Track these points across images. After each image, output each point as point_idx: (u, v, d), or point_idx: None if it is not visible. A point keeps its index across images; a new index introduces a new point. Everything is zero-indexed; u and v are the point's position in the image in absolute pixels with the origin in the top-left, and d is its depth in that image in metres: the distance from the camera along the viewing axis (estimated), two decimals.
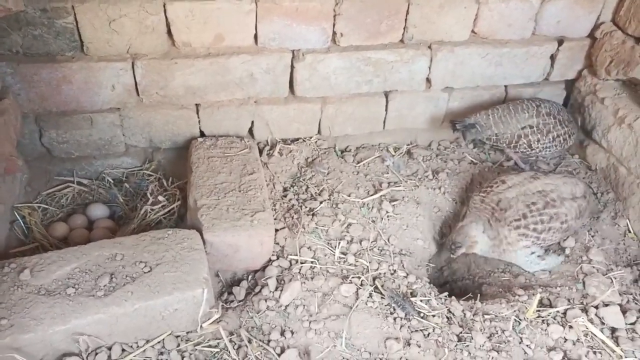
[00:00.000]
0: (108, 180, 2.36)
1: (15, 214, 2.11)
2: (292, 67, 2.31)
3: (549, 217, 2.03)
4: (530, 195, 2.07)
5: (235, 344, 1.75)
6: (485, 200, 2.11)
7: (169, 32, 2.13)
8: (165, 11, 2.06)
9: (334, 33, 2.28)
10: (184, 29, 2.12)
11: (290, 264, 2.00)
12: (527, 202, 2.04)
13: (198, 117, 2.35)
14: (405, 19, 2.31)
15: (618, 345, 1.81)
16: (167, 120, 2.32)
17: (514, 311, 1.90)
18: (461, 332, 1.83)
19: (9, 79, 2.04)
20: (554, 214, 2.04)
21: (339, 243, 2.08)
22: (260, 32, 2.20)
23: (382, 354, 1.74)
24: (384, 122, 2.59)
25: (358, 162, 2.50)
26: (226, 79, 2.26)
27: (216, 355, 1.71)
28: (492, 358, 1.75)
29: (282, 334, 1.78)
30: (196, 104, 2.32)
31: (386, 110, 2.55)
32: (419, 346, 1.76)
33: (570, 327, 1.85)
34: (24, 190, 2.22)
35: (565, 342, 1.83)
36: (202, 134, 2.40)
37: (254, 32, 2.20)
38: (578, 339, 1.83)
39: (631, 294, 2.01)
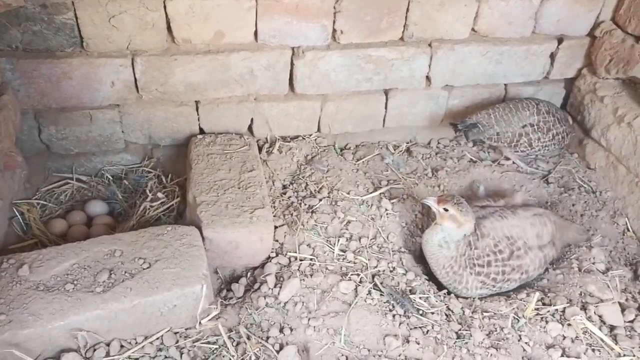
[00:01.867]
0: (107, 177, 2.36)
1: (14, 210, 2.11)
2: (292, 64, 2.31)
3: (511, 268, 1.97)
4: (499, 237, 1.97)
5: (234, 340, 1.75)
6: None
7: (169, 29, 2.13)
8: (165, 7, 2.06)
9: (334, 30, 2.28)
10: (184, 25, 2.11)
11: (290, 261, 2.00)
12: (494, 247, 1.96)
13: (198, 114, 2.35)
14: (406, 17, 2.31)
15: (617, 343, 1.82)
16: (166, 117, 2.31)
17: (513, 309, 1.90)
18: (460, 330, 1.83)
19: (9, 74, 2.04)
20: (517, 265, 1.97)
21: (338, 240, 2.08)
22: (260, 29, 2.20)
23: (381, 351, 1.74)
24: (384, 120, 2.59)
25: (357, 160, 2.50)
26: (226, 76, 2.26)
27: (215, 351, 1.71)
28: (491, 355, 1.75)
29: (281, 330, 1.78)
30: (196, 101, 2.32)
31: (386, 108, 2.55)
32: (418, 343, 1.76)
33: (569, 324, 1.85)
34: (23, 186, 2.22)
35: (564, 339, 1.83)
36: (202, 131, 2.40)
37: (254, 29, 2.20)
38: (577, 337, 1.83)
39: (630, 292, 2.02)
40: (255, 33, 2.22)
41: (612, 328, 1.88)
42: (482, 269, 1.94)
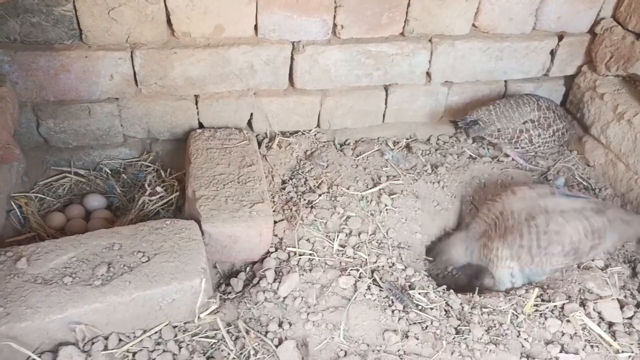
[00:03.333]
0: (105, 171, 2.35)
1: (12, 203, 2.10)
2: (292, 59, 2.30)
3: (548, 241, 1.88)
4: (535, 211, 1.93)
5: (233, 335, 1.75)
6: (491, 209, 2.06)
7: (169, 22, 2.11)
8: (165, 0, 2.04)
9: (335, 25, 2.27)
10: (183, 18, 2.10)
11: (289, 256, 1.99)
12: (530, 220, 1.91)
13: (197, 109, 2.33)
14: (406, 12, 2.30)
15: (615, 339, 1.82)
16: (165, 111, 2.30)
17: (512, 305, 1.90)
18: (459, 325, 1.83)
19: (7, 67, 2.02)
20: (555, 239, 1.88)
21: (338, 235, 2.07)
22: (260, 23, 2.19)
23: (380, 346, 1.74)
24: (384, 115, 2.58)
25: (357, 156, 2.49)
26: (226, 70, 2.25)
27: (213, 346, 1.71)
28: (490, 351, 1.75)
29: (280, 325, 1.78)
30: (195, 95, 2.31)
31: (386, 103, 2.54)
32: (417, 338, 1.75)
33: (568, 321, 1.86)
34: (21, 179, 2.21)
35: (562, 336, 1.83)
36: (201, 126, 2.39)
37: (254, 23, 2.19)
38: (575, 333, 1.83)
39: (629, 289, 2.02)
40: (256, 27, 2.21)
41: (610, 324, 1.88)
42: (514, 241, 1.90)
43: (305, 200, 2.20)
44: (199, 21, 2.12)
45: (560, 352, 1.78)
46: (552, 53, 2.59)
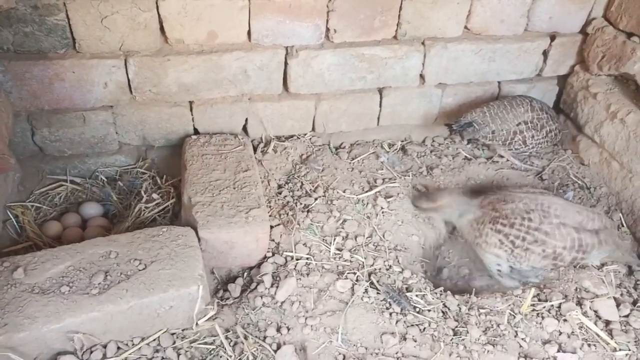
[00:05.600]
0: (101, 178, 2.35)
1: (8, 213, 2.09)
2: (286, 63, 2.30)
3: (534, 239, 1.93)
4: (534, 205, 1.96)
5: (231, 340, 1.75)
6: (497, 193, 2.11)
7: (162, 29, 2.12)
8: (157, 8, 2.05)
9: (328, 29, 2.28)
10: (176, 25, 2.11)
11: (286, 261, 2.00)
12: (524, 213, 1.95)
13: (192, 115, 2.34)
14: (399, 15, 2.31)
15: (612, 337, 1.83)
16: (160, 117, 2.31)
17: (509, 305, 1.91)
18: (457, 327, 1.83)
19: (0, 76, 2.02)
20: (540, 239, 1.93)
21: (334, 239, 2.08)
22: (253, 28, 2.20)
23: (378, 349, 1.74)
24: (378, 118, 2.59)
25: (352, 159, 2.50)
26: (220, 76, 2.25)
27: (212, 352, 1.71)
28: (488, 352, 1.75)
29: (278, 330, 1.78)
30: (190, 102, 2.32)
31: (380, 106, 2.55)
32: (415, 341, 1.76)
33: (565, 320, 1.86)
34: (17, 189, 2.21)
35: (560, 335, 1.84)
36: (196, 132, 2.39)
37: (247, 28, 2.20)
38: (573, 332, 1.84)
39: (625, 287, 2.03)
40: (249, 33, 2.22)
41: (607, 323, 1.89)
42: (503, 228, 1.95)
43: (301, 204, 2.21)
44: (192, 28, 2.12)
45: (558, 351, 1.79)
46: (545, 53, 2.61)
